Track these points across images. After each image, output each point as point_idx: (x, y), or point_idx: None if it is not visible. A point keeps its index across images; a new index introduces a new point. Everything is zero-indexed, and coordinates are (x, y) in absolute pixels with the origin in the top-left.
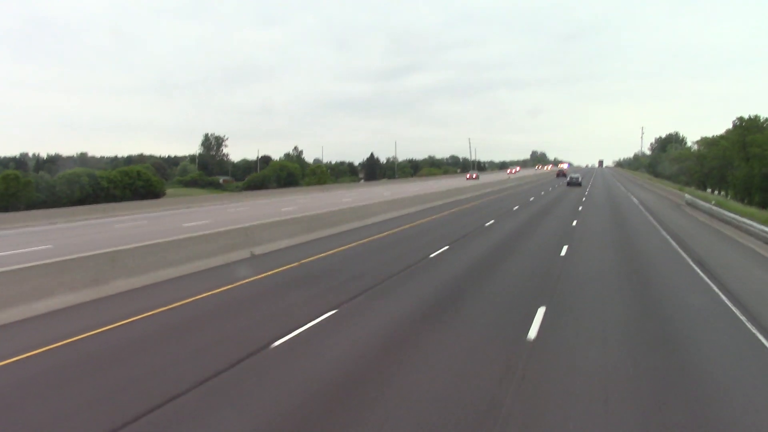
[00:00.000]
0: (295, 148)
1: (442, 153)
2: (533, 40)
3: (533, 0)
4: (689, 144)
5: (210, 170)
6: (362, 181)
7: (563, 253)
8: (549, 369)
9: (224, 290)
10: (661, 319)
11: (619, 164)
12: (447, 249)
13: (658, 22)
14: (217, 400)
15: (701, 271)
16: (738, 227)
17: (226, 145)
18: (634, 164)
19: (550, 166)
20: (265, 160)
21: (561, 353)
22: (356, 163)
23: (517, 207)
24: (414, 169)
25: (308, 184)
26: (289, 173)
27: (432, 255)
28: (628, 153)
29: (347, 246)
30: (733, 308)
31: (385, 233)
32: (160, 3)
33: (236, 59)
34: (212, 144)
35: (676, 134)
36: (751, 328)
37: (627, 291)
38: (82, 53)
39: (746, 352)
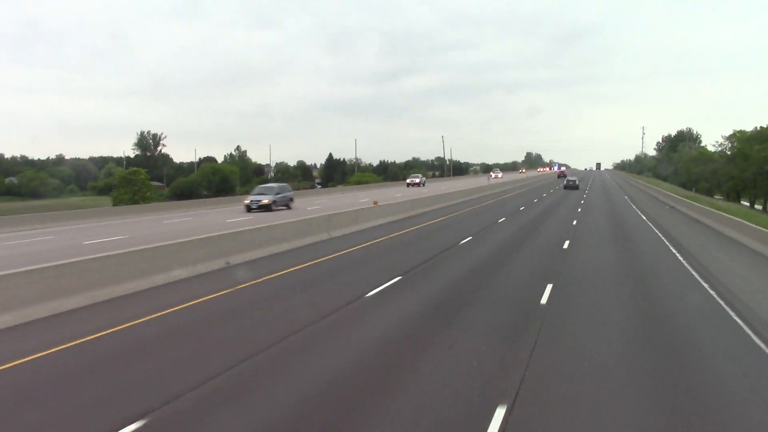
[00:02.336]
0: (238, 148)
1: (428, 155)
2: (530, 42)
3: (530, 2)
4: (708, 142)
5: (148, 173)
6: (319, 186)
7: None
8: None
9: None
10: None
11: (621, 167)
12: None
13: (656, 24)
14: None
15: None
16: None
17: (164, 145)
18: (636, 167)
19: (501, 173)
20: (204, 162)
21: None
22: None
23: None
24: (383, 171)
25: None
26: (223, 178)
27: None
28: (627, 155)
29: None
30: None
31: None
32: (150, 4)
33: (227, 61)
34: (149, 143)
35: (689, 131)
36: None
37: None
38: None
39: None
